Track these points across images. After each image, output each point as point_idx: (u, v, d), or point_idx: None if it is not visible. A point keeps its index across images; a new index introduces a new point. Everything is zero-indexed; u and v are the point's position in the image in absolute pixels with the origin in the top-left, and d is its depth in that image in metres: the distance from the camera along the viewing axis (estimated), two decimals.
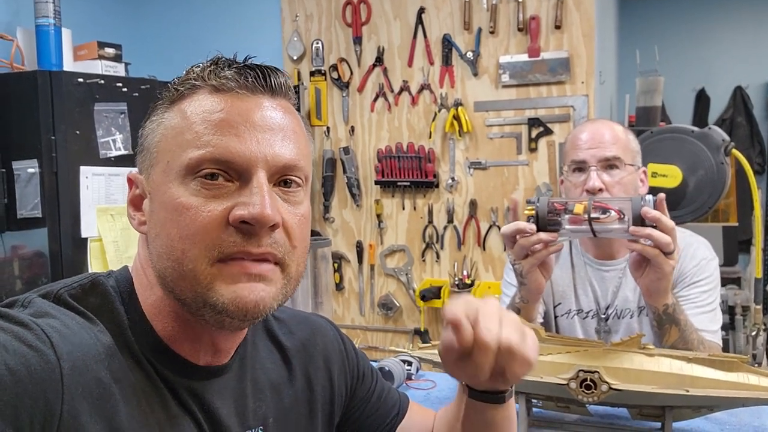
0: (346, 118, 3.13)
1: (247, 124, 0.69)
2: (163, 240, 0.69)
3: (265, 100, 0.72)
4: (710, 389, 1.14)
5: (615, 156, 1.52)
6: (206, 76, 0.71)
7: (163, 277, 0.70)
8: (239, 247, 0.67)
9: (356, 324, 3.20)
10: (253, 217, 0.66)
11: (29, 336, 0.61)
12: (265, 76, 0.72)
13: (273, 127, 0.71)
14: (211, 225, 0.67)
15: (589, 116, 2.73)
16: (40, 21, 2.47)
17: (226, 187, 0.68)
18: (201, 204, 0.67)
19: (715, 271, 1.57)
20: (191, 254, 0.67)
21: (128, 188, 0.76)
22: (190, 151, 0.68)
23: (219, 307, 0.67)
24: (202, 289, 0.67)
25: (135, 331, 0.71)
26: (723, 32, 4.95)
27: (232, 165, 0.68)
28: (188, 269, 0.67)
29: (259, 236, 0.68)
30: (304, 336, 0.91)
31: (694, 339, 1.40)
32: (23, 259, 2.40)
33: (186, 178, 0.68)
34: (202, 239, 0.67)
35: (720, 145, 2.15)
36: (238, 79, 0.71)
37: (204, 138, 0.68)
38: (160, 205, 0.70)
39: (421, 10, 2.96)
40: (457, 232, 2.98)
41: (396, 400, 1.02)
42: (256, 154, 0.69)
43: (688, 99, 5.03)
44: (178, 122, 0.70)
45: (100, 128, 2.40)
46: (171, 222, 0.68)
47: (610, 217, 1.30)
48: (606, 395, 1.16)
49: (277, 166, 0.70)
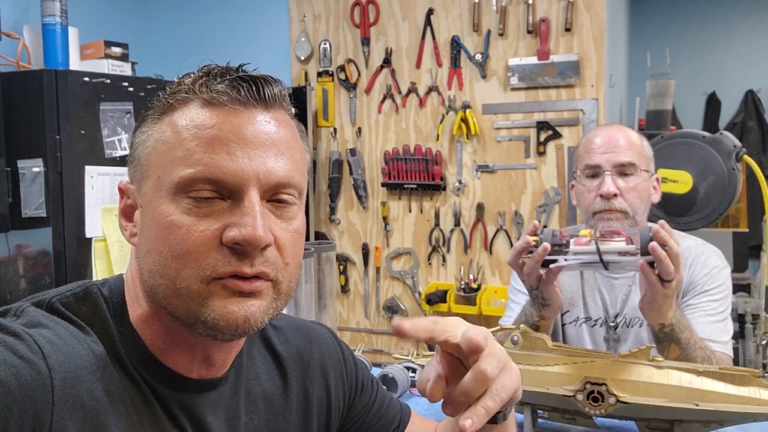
0: (353, 119, 3.12)
1: (239, 141, 0.67)
2: (155, 257, 0.68)
3: (258, 114, 0.70)
4: (720, 403, 1.11)
5: (630, 161, 1.50)
6: (198, 88, 0.69)
7: (154, 293, 0.69)
8: (233, 267, 0.66)
9: (361, 327, 3.19)
10: (245, 239, 0.66)
11: (21, 347, 0.61)
12: (259, 88, 0.70)
13: (266, 142, 0.69)
14: (204, 245, 0.66)
15: (598, 120, 2.71)
16: (47, 20, 2.46)
17: (217, 205, 0.67)
18: (192, 223, 0.66)
19: (727, 280, 1.55)
20: (184, 273, 0.66)
21: (120, 197, 0.74)
22: (180, 168, 0.67)
23: (210, 323, 0.67)
24: (195, 306, 0.67)
25: (126, 343, 0.70)
26: (734, 36, 4.91)
27: (223, 184, 0.67)
28: (182, 287, 0.66)
29: (252, 256, 0.67)
30: (300, 344, 0.90)
31: (698, 356, 1.35)
32: (27, 258, 2.39)
33: (177, 196, 0.67)
34: (195, 259, 0.66)
35: (731, 150, 2.12)
36: (230, 93, 0.68)
37: (195, 156, 0.67)
38: (151, 221, 0.69)
39: (429, 11, 2.94)
40: (463, 236, 2.96)
41: (397, 410, 1.00)
42: (248, 172, 0.67)
43: (698, 103, 4.99)
44: (169, 136, 0.69)
45: (106, 128, 2.39)
46: (162, 239, 0.67)
47: (617, 239, 1.27)
48: (613, 408, 1.14)
49: (270, 183, 0.69)
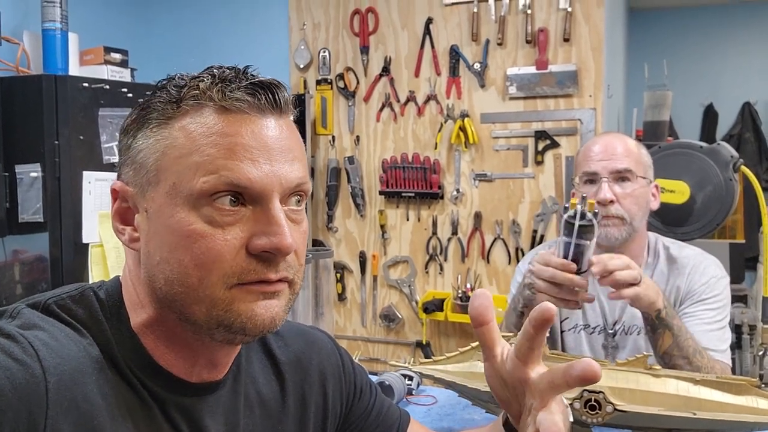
0: (351, 127, 3.12)
1: (261, 147, 0.67)
2: (173, 266, 0.67)
3: (273, 120, 0.70)
4: (718, 412, 1.11)
5: (627, 168, 1.52)
6: (214, 94, 0.68)
7: (170, 300, 0.68)
8: (259, 275, 0.67)
9: (358, 335, 3.18)
10: (276, 247, 0.66)
11: (15, 349, 0.60)
12: (275, 95, 0.70)
13: (283, 148, 0.69)
14: (228, 253, 0.66)
15: (596, 130, 2.72)
16: (47, 25, 2.46)
17: (240, 213, 0.67)
18: (216, 232, 0.66)
19: (725, 290, 1.55)
20: (208, 281, 0.66)
21: (112, 200, 0.73)
22: (201, 175, 0.66)
23: (235, 327, 0.67)
24: (218, 311, 0.67)
25: (123, 346, 0.69)
26: (732, 48, 4.94)
27: (249, 191, 0.67)
28: (205, 295, 0.66)
29: (277, 263, 0.68)
30: (299, 349, 0.89)
31: (690, 346, 1.38)
32: (24, 263, 2.38)
33: (198, 203, 0.66)
34: (220, 267, 0.66)
35: (729, 161, 2.13)
36: (250, 100, 0.68)
37: (217, 162, 0.66)
38: (165, 229, 0.67)
39: (429, 20, 2.95)
40: (461, 244, 2.96)
41: (396, 417, 1.00)
42: (271, 178, 0.67)
43: (696, 114, 5.01)
44: (183, 142, 0.67)
45: (104, 133, 2.39)
46: (183, 248, 0.66)
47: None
48: (611, 416, 1.13)
49: (289, 188, 0.69)
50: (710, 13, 4.95)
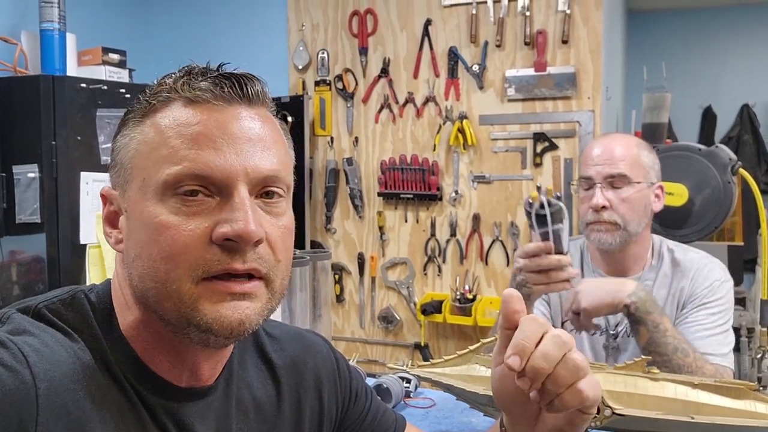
0: (350, 128, 3.12)
1: (224, 136, 0.67)
2: (144, 261, 0.66)
3: (242, 110, 0.69)
4: (716, 416, 1.10)
5: (621, 173, 1.52)
6: (179, 87, 0.68)
7: (145, 298, 0.67)
8: (224, 265, 0.65)
9: (356, 337, 3.17)
10: (237, 234, 0.64)
11: (5, 355, 0.60)
12: (242, 85, 0.69)
13: (252, 137, 0.68)
14: (193, 244, 0.65)
15: (594, 132, 2.72)
16: (45, 25, 2.46)
17: (206, 203, 0.66)
18: (181, 222, 0.65)
19: (728, 294, 1.55)
20: (174, 274, 0.65)
21: (102, 205, 0.73)
22: (166, 167, 0.66)
23: (203, 327, 0.66)
24: (186, 309, 0.65)
25: (114, 350, 0.69)
26: (730, 50, 4.94)
27: (211, 180, 0.66)
28: (172, 289, 0.65)
29: (244, 252, 0.66)
30: (294, 353, 0.88)
31: (669, 343, 1.39)
32: (21, 264, 2.38)
33: (164, 196, 0.66)
34: (186, 259, 0.65)
35: (727, 163, 2.13)
36: (214, 90, 0.68)
37: (181, 153, 0.66)
38: (138, 224, 0.67)
39: (427, 22, 2.95)
40: (459, 246, 2.96)
41: (392, 421, 0.99)
42: (235, 167, 0.66)
43: (694, 116, 5.01)
44: (153, 137, 0.68)
45: (102, 134, 2.38)
46: (151, 242, 0.66)
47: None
48: (609, 420, 1.13)
49: (258, 178, 0.68)
50: (709, 15, 4.95)
